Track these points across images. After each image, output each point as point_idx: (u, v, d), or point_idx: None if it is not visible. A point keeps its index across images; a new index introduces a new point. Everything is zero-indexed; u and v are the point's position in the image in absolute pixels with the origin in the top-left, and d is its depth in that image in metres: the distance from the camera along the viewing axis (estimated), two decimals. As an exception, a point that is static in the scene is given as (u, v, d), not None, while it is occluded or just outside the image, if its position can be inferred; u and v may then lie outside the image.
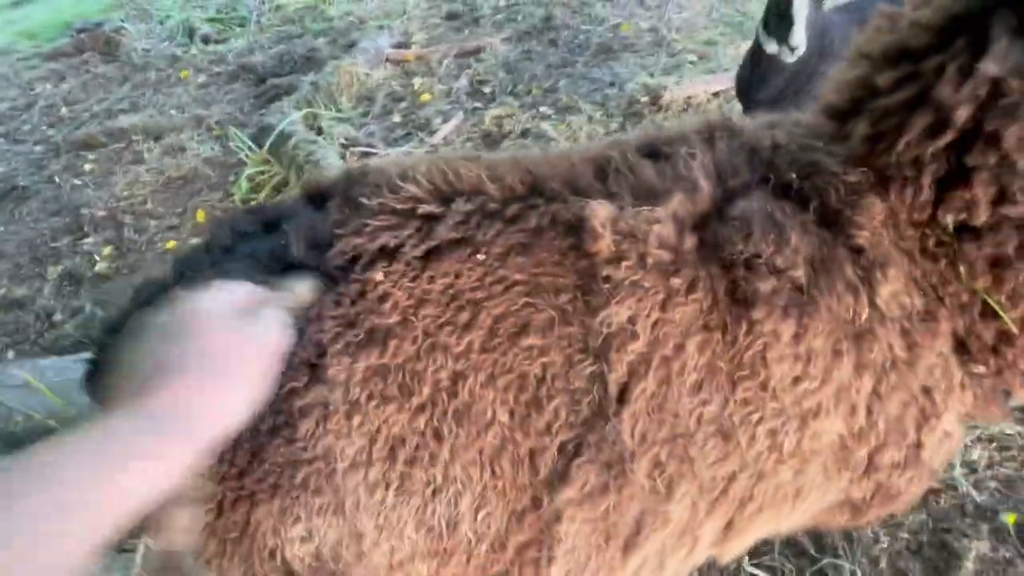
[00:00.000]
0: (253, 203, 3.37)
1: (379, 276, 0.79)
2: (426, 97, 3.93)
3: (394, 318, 0.78)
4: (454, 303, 0.80)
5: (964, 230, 0.81)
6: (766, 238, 0.81)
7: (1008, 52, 0.74)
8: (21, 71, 5.33)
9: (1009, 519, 1.73)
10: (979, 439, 1.90)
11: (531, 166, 0.89)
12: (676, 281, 0.80)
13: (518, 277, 0.81)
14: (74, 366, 2.19)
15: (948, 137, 0.77)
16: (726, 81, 3.52)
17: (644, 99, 3.45)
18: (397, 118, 3.83)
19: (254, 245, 0.84)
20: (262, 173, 3.44)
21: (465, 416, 0.78)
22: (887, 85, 0.82)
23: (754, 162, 0.88)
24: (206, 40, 5.22)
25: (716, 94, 3.45)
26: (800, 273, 0.80)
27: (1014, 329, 0.83)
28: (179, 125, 4.11)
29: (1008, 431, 1.90)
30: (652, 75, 3.70)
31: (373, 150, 3.47)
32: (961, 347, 0.87)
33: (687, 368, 0.81)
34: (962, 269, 0.82)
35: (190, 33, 5.32)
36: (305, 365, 0.77)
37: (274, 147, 3.35)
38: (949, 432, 0.92)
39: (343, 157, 3.40)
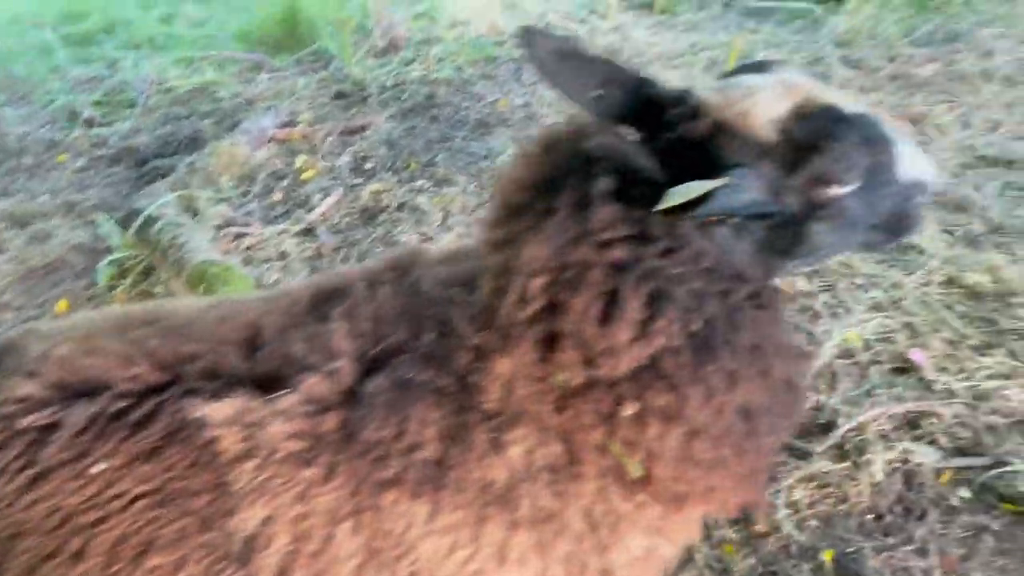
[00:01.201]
0: (119, 289, 3.26)
1: None
2: (308, 174, 3.99)
3: None
4: (62, 529, 0.72)
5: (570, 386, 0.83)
6: (388, 421, 0.81)
7: (560, 229, 0.77)
8: None
9: (826, 556, 1.83)
10: (801, 479, 2.02)
11: (180, 339, 0.86)
12: (311, 471, 0.79)
13: (144, 488, 0.76)
14: None
15: (532, 308, 0.81)
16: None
17: (514, 170, 3.64)
18: (278, 196, 3.85)
19: None
20: (131, 258, 3.36)
21: None
22: (492, 243, 0.87)
23: (412, 313, 0.90)
24: (90, 123, 5.12)
25: (580, 164, 3.69)
26: (429, 451, 0.82)
27: (634, 473, 0.88)
28: (49, 211, 3.97)
29: (826, 469, 2.04)
30: (524, 147, 3.91)
31: (247, 230, 3.46)
32: (619, 478, 0.90)
33: (341, 556, 0.79)
34: (585, 419, 0.86)
35: (73, 117, 5.22)
36: None
37: (141, 232, 3.28)
38: (648, 547, 0.94)
39: (215, 238, 3.38)
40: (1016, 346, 2.35)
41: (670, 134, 0.91)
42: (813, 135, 0.90)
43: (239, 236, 3.45)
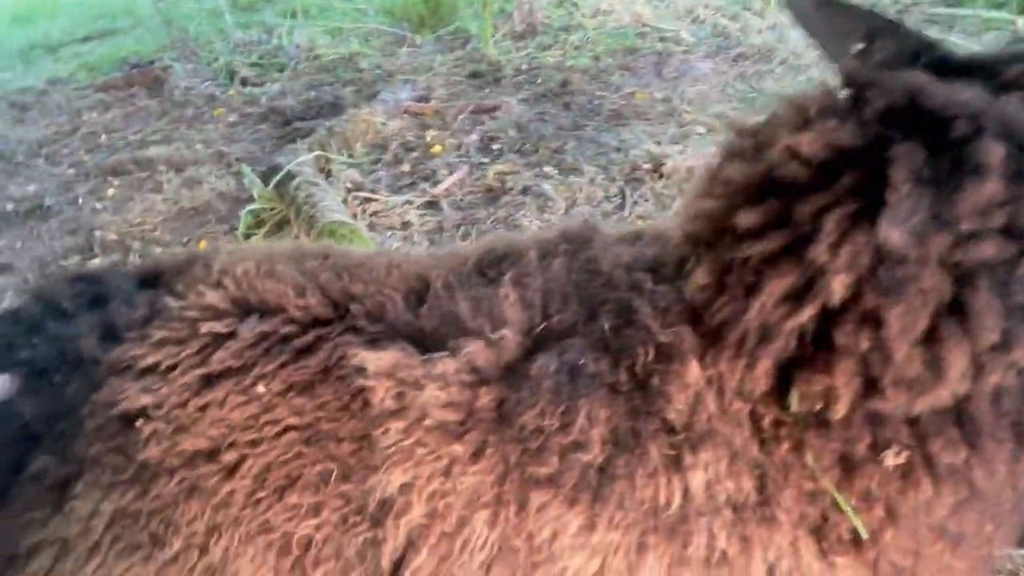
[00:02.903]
0: (254, 238, 3.45)
1: (148, 399, 0.75)
2: (437, 149, 4.02)
3: (154, 450, 0.73)
4: (223, 441, 0.74)
5: (811, 415, 0.67)
6: (552, 409, 0.71)
7: (913, 208, 0.57)
8: (74, 100, 5.69)
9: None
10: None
11: (349, 277, 0.85)
12: (459, 447, 0.73)
13: (295, 421, 0.75)
14: None
15: (812, 310, 0.63)
16: (731, 154, 3.51)
17: (647, 166, 3.46)
18: (406, 167, 3.92)
19: (59, 328, 0.82)
20: (268, 210, 3.54)
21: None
22: (748, 228, 0.68)
23: (588, 292, 0.79)
24: (244, 83, 5.49)
25: (719, 166, 3.45)
26: (593, 453, 0.71)
27: (864, 534, 0.70)
28: (202, 159, 4.29)
29: None
30: (659, 143, 3.72)
31: (374, 196, 3.54)
32: (818, 534, 0.74)
33: (472, 546, 0.72)
34: (808, 457, 0.69)
35: (231, 75, 5.62)
36: (55, 490, 0.71)
37: (279, 186, 3.45)
38: None
39: (345, 201, 3.48)
40: None
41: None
42: None
43: (366, 201, 3.54)
